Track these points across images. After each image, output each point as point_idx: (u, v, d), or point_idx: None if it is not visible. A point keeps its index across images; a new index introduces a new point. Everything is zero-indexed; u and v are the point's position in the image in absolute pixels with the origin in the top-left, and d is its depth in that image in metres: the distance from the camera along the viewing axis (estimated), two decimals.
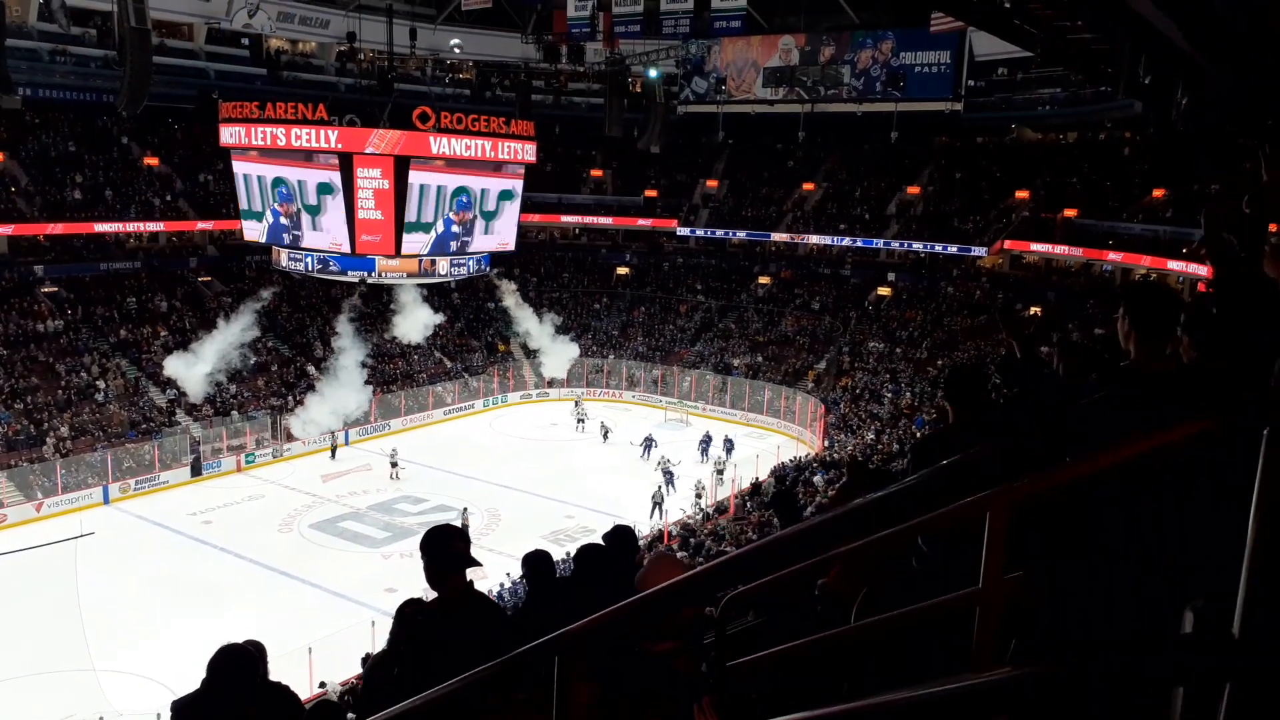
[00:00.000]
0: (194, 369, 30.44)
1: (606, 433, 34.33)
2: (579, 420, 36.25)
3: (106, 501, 27.54)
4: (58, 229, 34.38)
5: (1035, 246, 37.60)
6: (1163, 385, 2.21)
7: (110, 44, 31.93)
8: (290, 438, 31.99)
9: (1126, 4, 9.08)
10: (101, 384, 31.54)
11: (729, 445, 31.03)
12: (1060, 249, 36.36)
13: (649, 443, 31.45)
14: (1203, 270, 27.74)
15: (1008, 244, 38.39)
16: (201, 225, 38.26)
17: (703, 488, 27.29)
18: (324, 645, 16.95)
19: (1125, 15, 9.86)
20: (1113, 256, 34.28)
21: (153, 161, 38.56)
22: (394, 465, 30.02)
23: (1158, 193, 35.28)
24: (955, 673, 2.02)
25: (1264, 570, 1.26)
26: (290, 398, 33.95)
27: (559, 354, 37.78)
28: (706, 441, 31.65)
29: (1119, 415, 1.97)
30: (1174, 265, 30.83)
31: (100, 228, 35.34)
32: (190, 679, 4.51)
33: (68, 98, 34.91)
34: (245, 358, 34.48)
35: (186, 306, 36.39)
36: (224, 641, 3.99)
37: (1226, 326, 2.31)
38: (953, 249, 38.99)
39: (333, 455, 31.79)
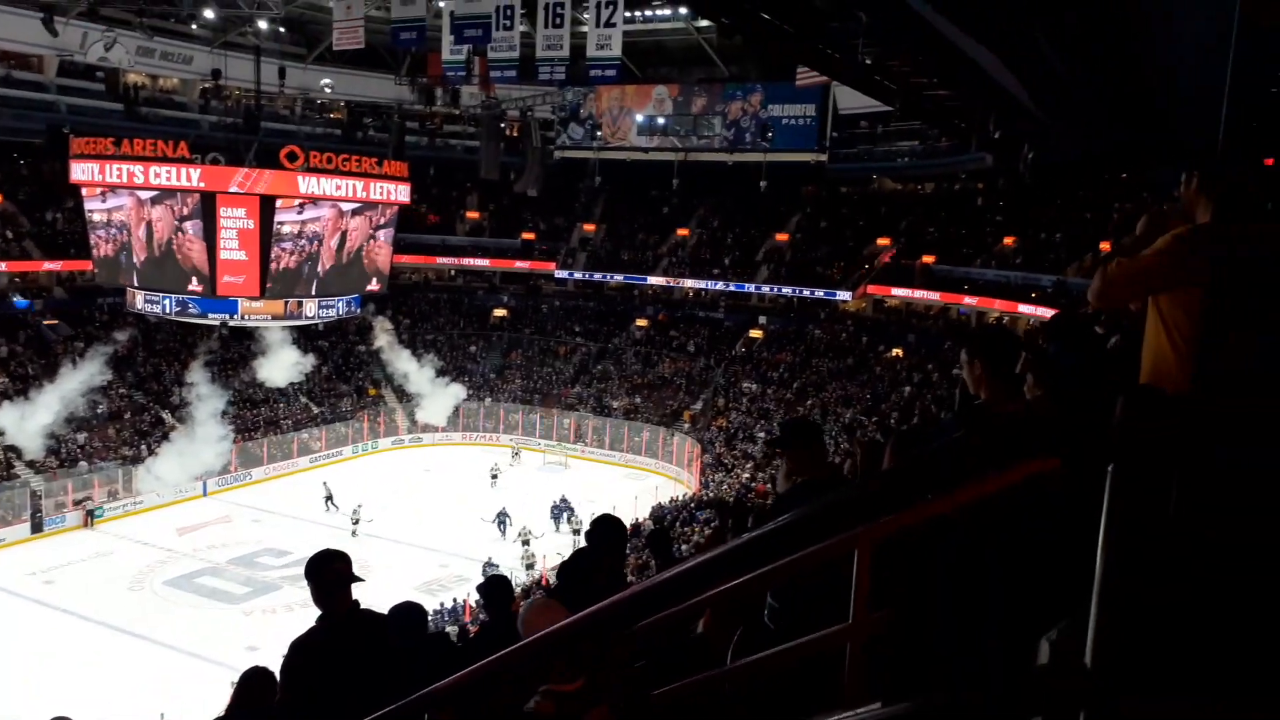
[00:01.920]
0: (32, 419, 28.51)
1: (496, 476, 33.88)
2: (514, 461, 36.85)
3: None
4: None
5: (896, 291, 39.26)
6: (1013, 425, 2.31)
7: None
8: (140, 490, 30.20)
9: (978, 65, 9.68)
10: None
11: (566, 504, 30.11)
12: (919, 293, 38.08)
13: (503, 519, 28.62)
14: (1050, 314, 29.46)
15: (870, 289, 39.96)
16: (48, 265, 36.02)
17: (580, 522, 27.14)
18: (180, 712, 15.92)
19: (977, 76, 10.51)
20: (968, 300, 36.09)
21: None
22: (328, 499, 30.20)
23: (1008, 240, 37.43)
24: (830, 710, 2.04)
25: (1112, 601, 1.32)
26: (144, 447, 32.13)
27: (439, 398, 37.14)
28: (561, 508, 30.08)
29: (973, 454, 2.05)
30: (1024, 309, 32.67)
31: None
32: None
33: None
34: (95, 405, 32.54)
35: (30, 351, 34.09)
36: (64, 709, 3.72)
37: (1066, 366, 2.44)
38: (819, 293, 40.32)
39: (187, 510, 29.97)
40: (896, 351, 37.40)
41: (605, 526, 4.37)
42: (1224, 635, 1.35)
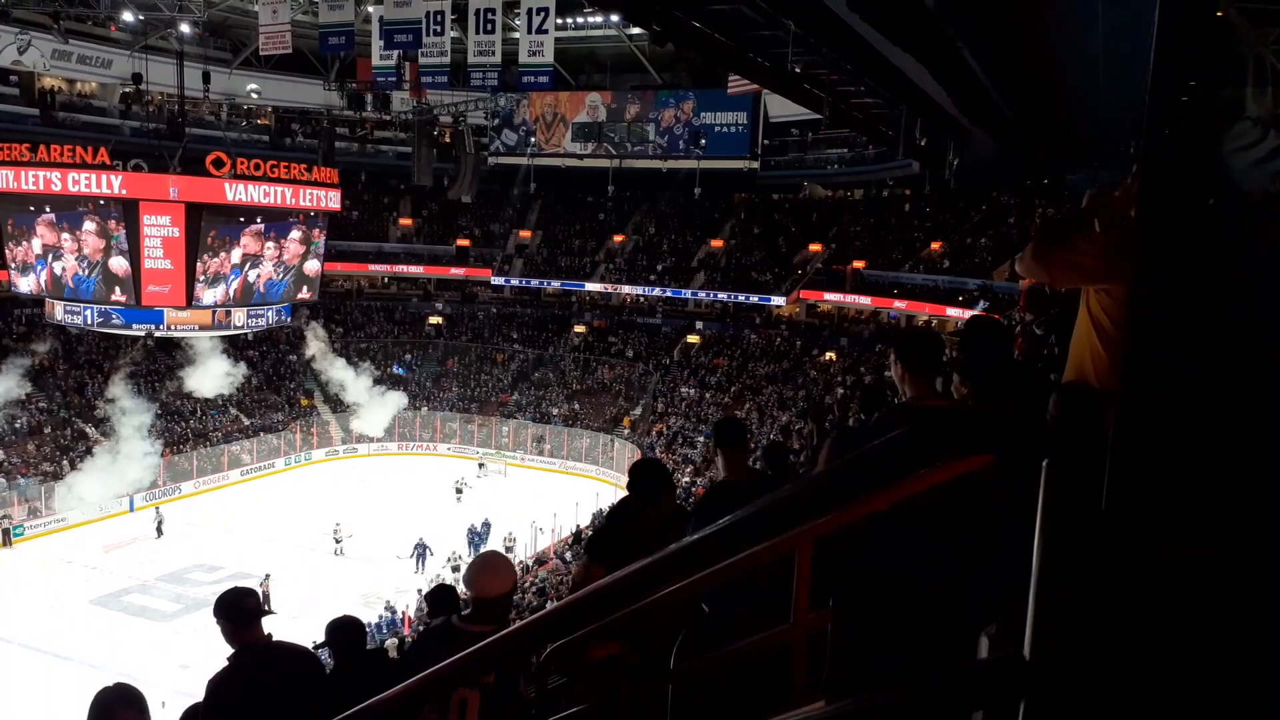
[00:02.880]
0: None
1: (460, 491, 33.34)
2: (482, 473, 36.40)
3: None
4: None
5: (829, 296, 39.83)
6: (944, 421, 2.36)
7: None
8: (62, 507, 29.17)
9: (904, 74, 9.89)
10: None
11: (486, 528, 28.62)
12: (851, 298, 38.70)
13: (421, 552, 26.49)
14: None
15: (803, 294, 40.49)
16: None
17: (513, 539, 26.98)
18: None
19: (902, 84, 10.73)
20: (898, 304, 36.77)
21: None
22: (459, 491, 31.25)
23: (935, 245, 38.25)
24: (775, 709, 2.06)
25: (1048, 595, 1.36)
26: (66, 462, 31.05)
27: (377, 407, 36.61)
28: (479, 534, 28.31)
29: (909, 451, 2.09)
30: (952, 312, 33.38)
31: None
32: None
33: None
34: (13, 420, 31.39)
35: None
36: None
37: (997, 366, 2.50)
38: (754, 299, 40.75)
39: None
40: (830, 355, 37.93)
41: (646, 470, 3.94)
42: (1154, 626, 1.40)
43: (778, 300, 40.22)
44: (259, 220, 22.23)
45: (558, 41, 26.11)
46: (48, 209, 21.35)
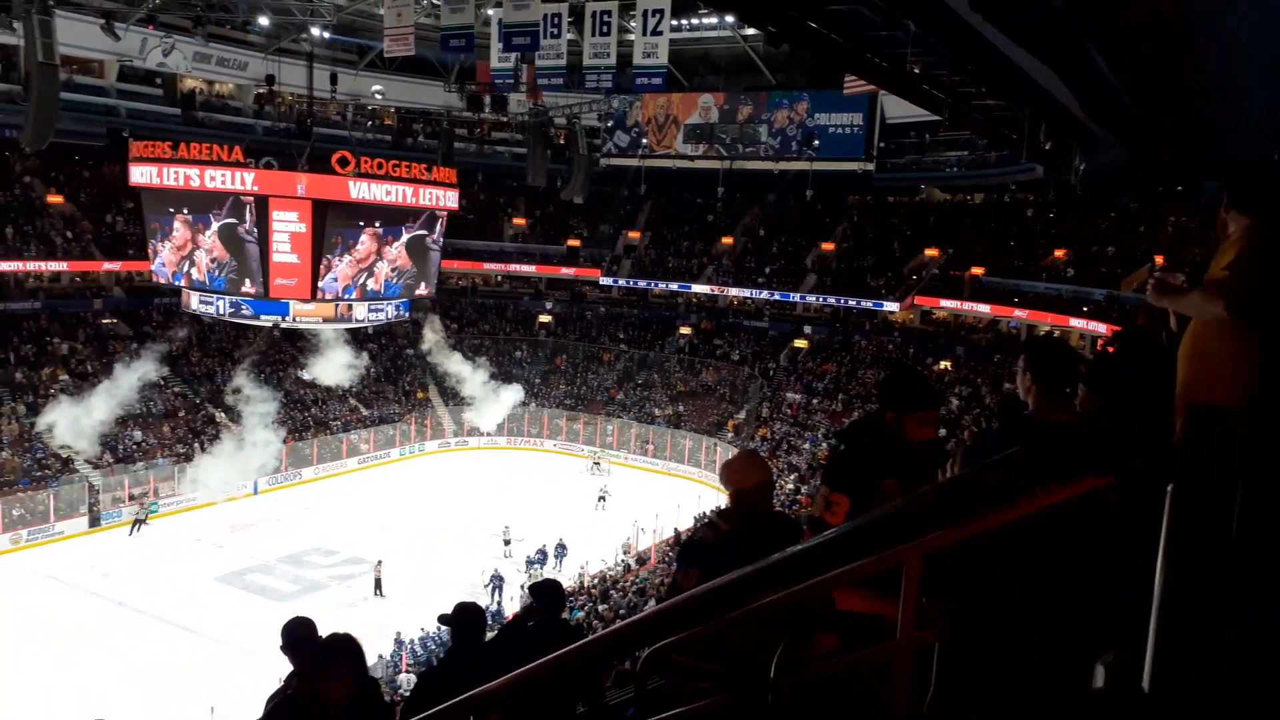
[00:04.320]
0: (89, 415, 29.24)
1: (603, 499, 32.58)
2: (597, 469, 36.70)
3: None
4: None
5: (945, 302, 38.80)
6: (1064, 437, 2.28)
7: (15, 78, 30.95)
8: (193, 487, 30.78)
9: (1028, 75, 9.56)
10: None
11: (561, 551, 27.04)
12: (968, 305, 37.59)
13: (497, 583, 24.54)
14: (1103, 328, 28.96)
15: (918, 300, 39.56)
16: (108, 266, 36.97)
17: (632, 537, 27.15)
18: (226, 704, 16.19)
19: (1027, 85, 10.38)
20: (1018, 314, 35.57)
21: (57, 200, 37.22)
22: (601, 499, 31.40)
23: (1059, 253, 36.84)
24: None
25: (1171, 625, 1.30)
26: (197, 445, 32.80)
27: (492, 402, 37.44)
28: (540, 558, 26.74)
29: (1026, 469, 2.03)
30: (1075, 323, 32.11)
31: None
32: None
33: None
34: (150, 403, 33.32)
35: (89, 349, 35.00)
36: (120, 701, 3.88)
37: (1127, 381, 2.40)
38: (866, 304, 40.01)
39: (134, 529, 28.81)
40: (944, 364, 36.95)
41: (902, 379, 3.44)
42: None
43: (890, 306, 39.41)
44: (378, 224, 22.96)
45: (672, 43, 26.18)
46: (185, 210, 22.55)
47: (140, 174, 22.52)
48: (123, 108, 37.51)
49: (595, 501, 32.27)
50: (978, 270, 38.22)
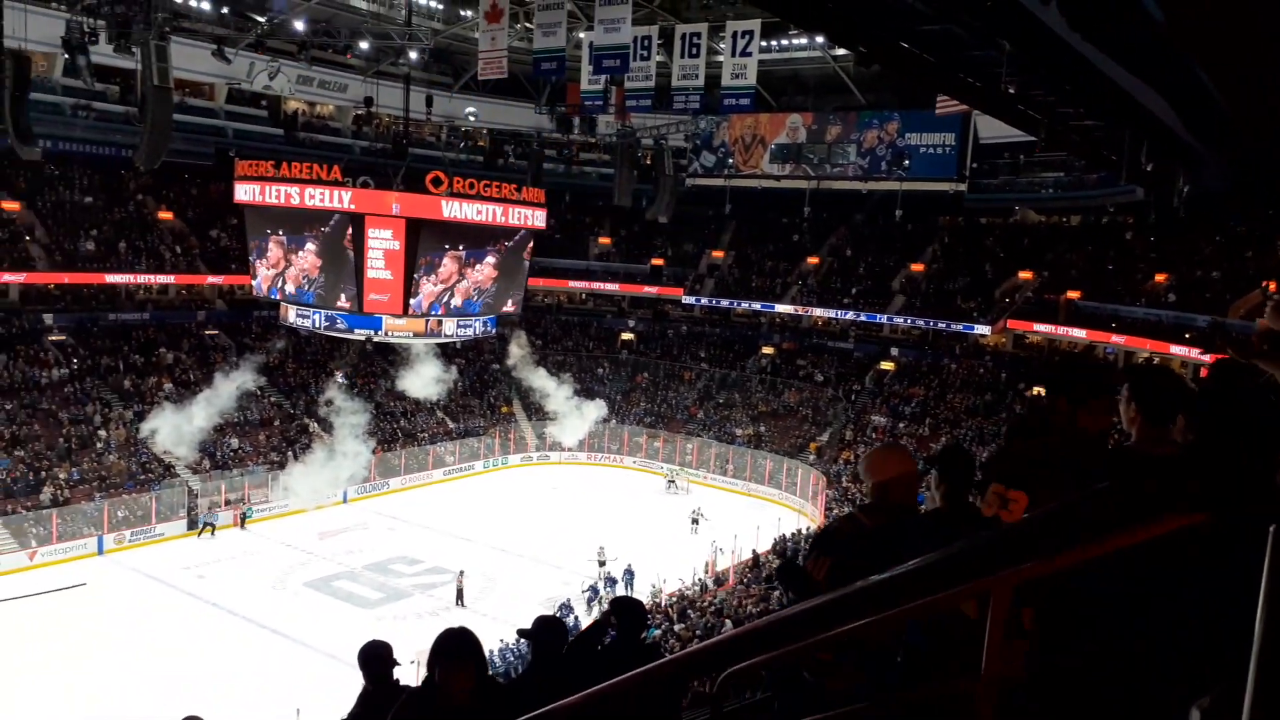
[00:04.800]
0: (190, 423, 30.45)
1: (696, 520, 31.52)
2: (673, 487, 36.64)
3: (101, 552, 27.31)
4: (69, 279, 34.77)
5: (1039, 327, 37.76)
6: (1158, 473, 2.21)
7: (132, 100, 32.59)
8: (286, 494, 31.75)
9: (1129, 94, 9.29)
10: (103, 433, 31.51)
11: (629, 577, 26.08)
12: (1063, 330, 36.51)
13: (592, 595, 25.15)
14: (1206, 357, 27.78)
15: (1011, 323, 38.59)
16: (211, 279, 38.62)
17: (716, 550, 27.00)
18: (312, 707, 16.61)
19: (1128, 105, 10.08)
20: (1116, 339, 34.39)
21: (167, 216, 39.06)
22: (695, 522, 30.94)
23: (1160, 277, 35.54)
24: None
25: (1272, 668, 1.25)
26: (291, 453, 33.85)
27: (575, 417, 37.82)
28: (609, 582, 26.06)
29: (1118, 502, 1.98)
30: (1176, 349, 30.89)
31: (111, 279, 35.71)
32: None
33: (87, 151, 35.53)
34: (248, 412, 34.57)
35: (192, 359, 36.52)
36: (208, 699, 4.04)
37: (1227, 413, 2.32)
38: (956, 326, 39.21)
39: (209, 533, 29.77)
40: (1038, 390, 35.91)
41: (1074, 368, 3.36)
42: None
43: (982, 329, 38.53)
44: (462, 247, 23.44)
45: (761, 63, 26.20)
46: (284, 227, 23.40)
47: (244, 191, 23.44)
48: (230, 128, 39.20)
49: (689, 525, 31.29)
50: (1074, 294, 37.12)
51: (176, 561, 27.06)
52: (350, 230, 22.43)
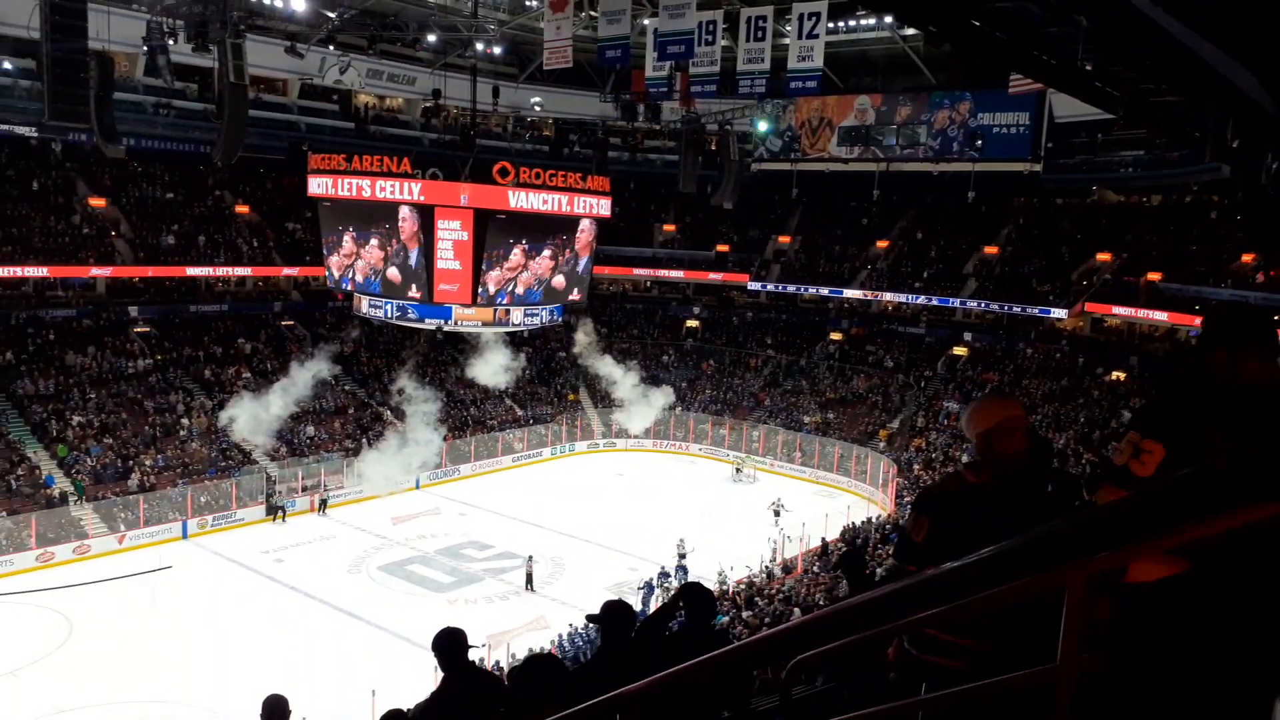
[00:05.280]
0: (268, 411, 31.26)
1: (778, 512, 30.69)
2: (741, 475, 36.61)
3: (185, 536, 28.30)
4: (152, 272, 35.99)
5: (1118, 309, 36.67)
6: (1249, 458, 2.13)
7: (210, 98, 33.51)
8: (360, 480, 32.47)
9: (1213, 69, 8.94)
10: (186, 422, 32.59)
11: (682, 573, 25.04)
12: (1144, 313, 35.40)
13: (663, 581, 24.63)
14: None
15: (1088, 306, 37.54)
16: (287, 271, 39.61)
17: (774, 542, 26.89)
18: (387, 688, 16.99)
19: (1212, 80, 9.70)
20: (1199, 321, 33.21)
21: (243, 209, 40.16)
22: (776, 514, 30.43)
23: (1247, 258, 34.22)
24: None
25: None
26: (365, 440, 34.61)
27: (643, 405, 37.97)
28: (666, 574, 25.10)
29: (1198, 492, 1.92)
30: None
31: (192, 272, 36.85)
32: (253, 715, 4.62)
33: (168, 148, 36.66)
34: (322, 400, 35.40)
35: (269, 349, 37.54)
36: (286, 679, 4.19)
37: None
38: (1031, 310, 38.30)
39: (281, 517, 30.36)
40: (1118, 375, 34.92)
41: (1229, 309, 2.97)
42: None
43: (1058, 312, 37.57)
44: (528, 238, 23.60)
45: (828, 45, 25.81)
46: (356, 218, 23.85)
47: (317, 185, 23.95)
48: (303, 123, 40.07)
49: (771, 516, 30.51)
50: (1154, 276, 35.95)
51: (256, 546, 27.90)
52: (420, 221, 22.77)
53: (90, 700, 18.47)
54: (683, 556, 25.90)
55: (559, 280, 24.81)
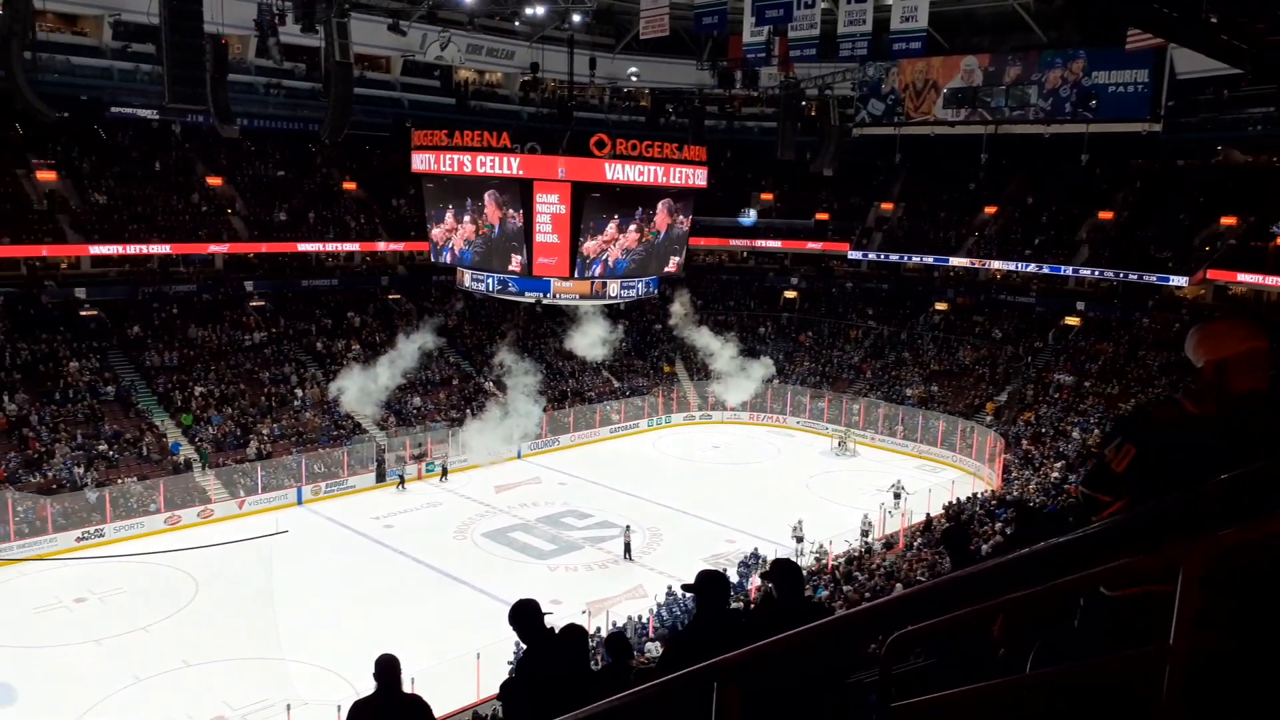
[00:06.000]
0: (376, 382, 32.23)
1: (899, 494, 29.29)
2: (842, 448, 36.33)
3: (300, 502, 29.55)
4: (265, 248, 37.43)
5: (1243, 277, 34.73)
6: None
7: (317, 77, 34.48)
8: (465, 450, 33.29)
9: None
10: (299, 392, 33.92)
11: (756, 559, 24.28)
12: (1272, 280, 33.44)
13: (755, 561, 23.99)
14: None
15: (1211, 273, 35.65)
16: (392, 246, 40.67)
17: (869, 524, 26.55)
18: (491, 652, 17.48)
19: None
20: None
21: (350, 186, 41.33)
22: (897, 496, 29.02)
23: None
24: None
25: None
26: (468, 411, 35.45)
27: (742, 377, 37.86)
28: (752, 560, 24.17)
29: None
30: None
31: (303, 247, 38.16)
32: (364, 674, 4.82)
33: (278, 127, 37.92)
34: (428, 371, 36.37)
35: (377, 322, 38.69)
36: (396, 641, 4.41)
37: None
38: (1149, 278, 36.57)
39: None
40: None
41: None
42: None
43: (1178, 280, 35.80)
44: (623, 209, 23.60)
45: (932, 4, 24.99)
46: (458, 192, 24.27)
47: (420, 161, 24.45)
48: (406, 99, 40.90)
49: (891, 498, 29.08)
50: None
51: (366, 512, 28.94)
52: (512, 197, 23.04)
53: (214, 656, 19.54)
54: (800, 540, 25.68)
55: (655, 252, 24.81)
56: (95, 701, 17.86)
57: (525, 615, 4.38)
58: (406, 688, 4.85)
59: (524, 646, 4.48)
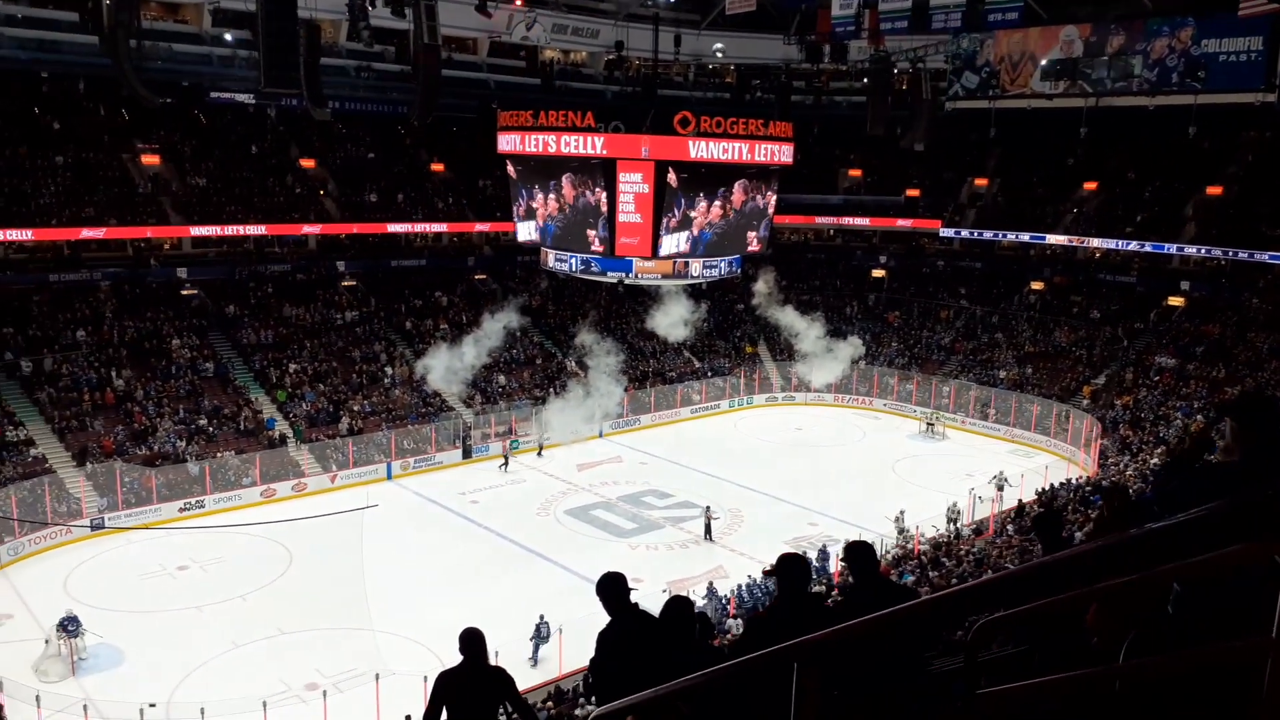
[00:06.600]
0: (462, 360, 32.78)
1: (1001, 486, 27.41)
2: (931, 431, 35.73)
3: (389, 477, 30.34)
4: (357, 229, 38.35)
5: None
6: None
7: (406, 60, 35.03)
8: (549, 428, 33.67)
9: None
10: (389, 370, 34.75)
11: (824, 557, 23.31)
12: None
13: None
14: None
15: None
16: (479, 227, 41.24)
17: (958, 510, 25.95)
18: (575, 627, 17.71)
19: None
20: None
21: (438, 168, 42.00)
22: (1000, 488, 27.30)
23: None
24: None
25: None
26: (552, 390, 35.85)
27: (828, 358, 37.41)
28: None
29: None
30: None
31: (392, 228, 38.98)
32: (451, 645, 4.90)
33: (369, 110, 38.71)
34: (513, 350, 36.86)
35: (464, 302, 39.34)
36: (481, 614, 4.45)
37: None
38: (1261, 256, 34.81)
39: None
40: None
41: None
42: None
43: None
44: (708, 187, 23.36)
45: None
46: (543, 173, 24.39)
47: (506, 142, 24.64)
48: (492, 80, 41.26)
49: (993, 489, 27.33)
50: None
51: (453, 487, 29.56)
52: (602, 174, 23.05)
53: (306, 625, 20.25)
54: (902, 532, 25.20)
55: (738, 230, 24.58)
56: (196, 666, 18.69)
57: (613, 587, 4.43)
58: (491, 660, 4.93)
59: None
